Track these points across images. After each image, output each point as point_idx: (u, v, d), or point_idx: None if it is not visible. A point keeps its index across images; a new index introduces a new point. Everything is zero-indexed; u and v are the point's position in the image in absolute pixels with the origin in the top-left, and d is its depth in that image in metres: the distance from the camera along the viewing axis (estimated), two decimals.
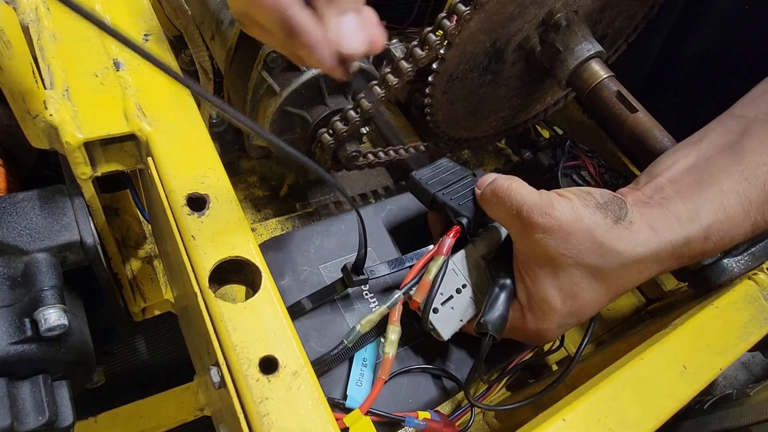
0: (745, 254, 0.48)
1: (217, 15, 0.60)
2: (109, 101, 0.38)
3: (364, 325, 0.43)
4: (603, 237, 0.38)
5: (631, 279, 0.40)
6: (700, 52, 0.70)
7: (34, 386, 0.35)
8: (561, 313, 0.40)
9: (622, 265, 0.39)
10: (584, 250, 0.38)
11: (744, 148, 0.43)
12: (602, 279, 0.39)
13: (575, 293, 0.39)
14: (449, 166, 0.50)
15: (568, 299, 0.39)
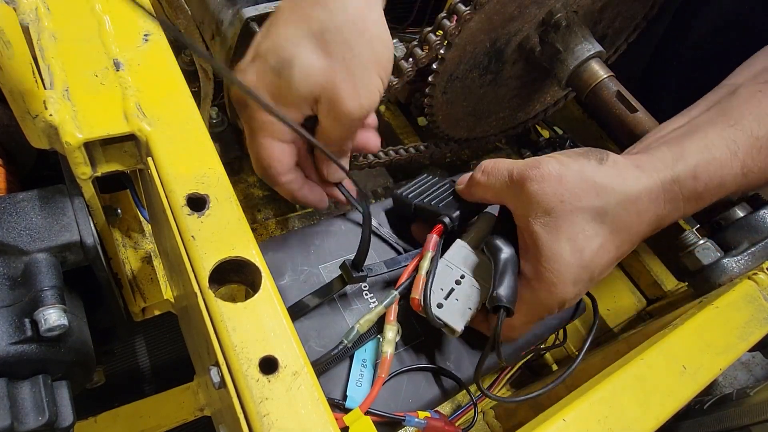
0: (745, 254, 0.48)
1: (217, 15, 0.60)
2: (109, 101, 0.38)
3: (363, 325, 0.43)
4: (594, 175, 0.39)
5: (632, 221, 0.39)
6: (698, 50, 0.70)
7: (34, 386, 0.35)
8: (572, 266, 0.39)
9: (619, 202, 0.39)
10: (580, 192, 0.39)
11: (731, 104, 0.44)
12: (603, 221, 0.39)
13: (581, 242, 0.39)
14: (428, 179, 0.52)
15: (576, 250, 0.39)
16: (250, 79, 0.39)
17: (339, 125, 0.41)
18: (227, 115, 0.70)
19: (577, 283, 0.40)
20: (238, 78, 0.39)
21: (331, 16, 0.39)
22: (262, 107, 0.35)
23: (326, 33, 0.39)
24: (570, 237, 0.39)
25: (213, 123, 0.73)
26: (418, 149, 0.67)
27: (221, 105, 0.72)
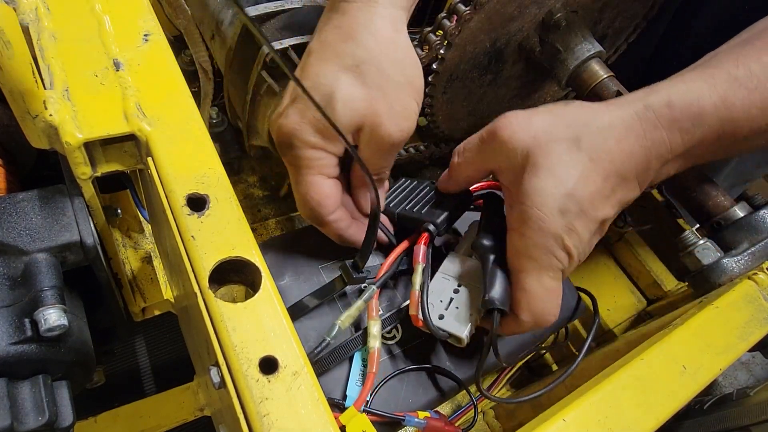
0: (745, 254, 0.48)
1: (217, 15, 0.60)
2: (109, 101, 0.38)
3: (344, 321, 0.43)
4: (562, 112, 0.40)
5: (611, 148, 0.39)
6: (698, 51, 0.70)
7: (34, 386, 0.35)
8: (555, 196, 0.38)
9: (592, 130, 0.39)
10: (550, 127, 0.39)
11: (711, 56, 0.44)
12: (580, 148, 0.39)
13: (560, 172, 0.38)
14: (407, 183, 0.52)
15: (556, 181, 0.38)
16: (293, 120, 0.40)
17: (380, 151, 0.43)
18: (227, 115, 0.70)
19: (565, 213, 0.38)
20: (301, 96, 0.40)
21: (362, 47, 0.40)
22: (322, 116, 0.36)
23: (361, 65, 0.40)
24: (548, 168, 0.38)
25: (213, 123, 0.73)
26: (417, 149, 0.67)
27: (221, 105, 0.72)
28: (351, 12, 0.41)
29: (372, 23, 0.41)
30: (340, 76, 0.40)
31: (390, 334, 0.47)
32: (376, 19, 0.41)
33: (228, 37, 0.57)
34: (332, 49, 0.41)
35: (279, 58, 0.30)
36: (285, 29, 0.55)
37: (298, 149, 0.40)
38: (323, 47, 0.41)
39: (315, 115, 0.39)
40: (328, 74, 0.40)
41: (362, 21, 0.41)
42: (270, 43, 0.53)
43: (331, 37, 0.41)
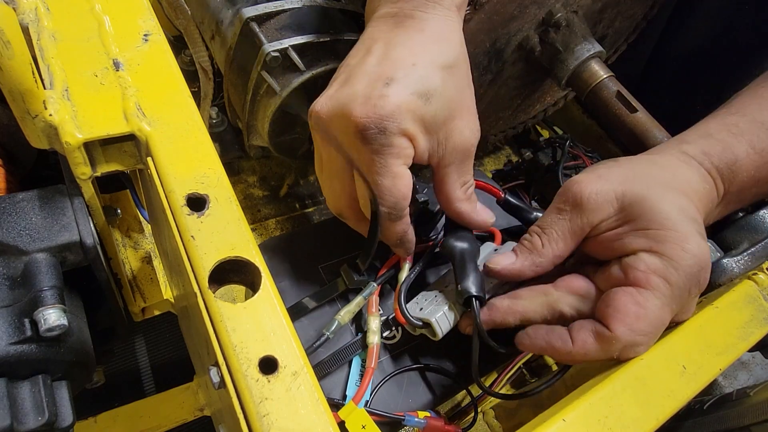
0: (745, 254, 0.48)
1: (217, 15, 0.60)
2: (108, 101, 0.38)
3: (344, 317, 0.43)
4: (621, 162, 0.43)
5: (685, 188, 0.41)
6: (696, 50, 0.70)
7: (34, 386, 0.35)
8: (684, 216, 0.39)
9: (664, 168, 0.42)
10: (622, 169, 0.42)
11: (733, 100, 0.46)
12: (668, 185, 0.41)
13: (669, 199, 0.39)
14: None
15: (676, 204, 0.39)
16: (394, 101, 0.38)
17: (464, 157, 0.42)
18: (227, 115, 0.70)
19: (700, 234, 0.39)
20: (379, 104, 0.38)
21: (455, 50, 0.41)
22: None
23: (454, 66, 0.41)
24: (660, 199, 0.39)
25: (213, 123, 0.73)
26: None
27: (221, 105, 0.72)
28: (432, 20, 0.41)
29: (455, 32, 0.42)
30: (437, 72, 0.40)
31: (390, 334, 0.47)
32: (456, 29, 0.42)
33: (228, 37, 0.57)
34: (423, 47, 0.40)
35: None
36: (285, 29, 0.55)
37: (393, 136, 0.38)
38: (410, 44, 0.40)
39: (416, 101, 0.39)
40: (425, 66, 0.39)
41: (447, 29, 0.42)
42: (270, 43, 0.53)
43: (418, 37, 0.41)
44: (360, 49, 0.42)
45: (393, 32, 0.41)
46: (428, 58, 0.40)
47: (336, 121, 0.40)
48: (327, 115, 0.40)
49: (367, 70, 0.40)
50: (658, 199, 0.39)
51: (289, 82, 0.55)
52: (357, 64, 0.41)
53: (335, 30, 0.56)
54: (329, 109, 0.40)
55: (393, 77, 0.39)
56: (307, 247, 0.49)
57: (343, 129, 0.39)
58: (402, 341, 0.46)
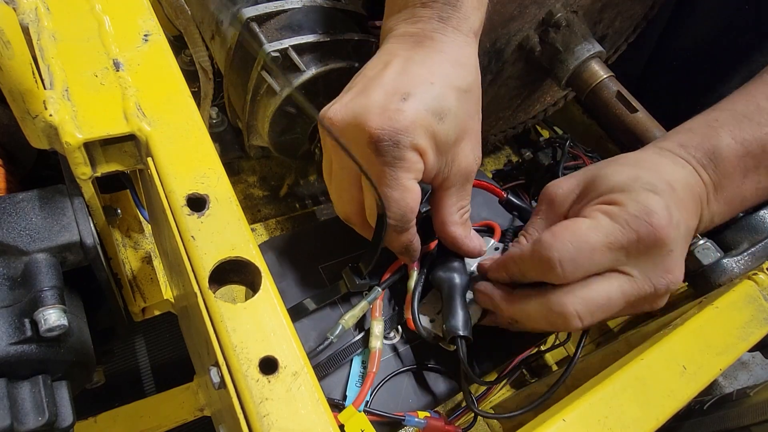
0: (745, 254, 0.48)
1: (217, 15, 0.60)
2: (109, 101, 0.38)
3: (348, 321, 0.43)
4: (593, 166, 0.44)
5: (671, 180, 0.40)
6: (695, 50, 0.70)
7: (34, 386, 0.35)
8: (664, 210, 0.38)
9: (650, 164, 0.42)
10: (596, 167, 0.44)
11: (722, 101, 0.46)
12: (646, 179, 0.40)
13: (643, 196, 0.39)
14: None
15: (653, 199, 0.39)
16: (410, 116, 0.38)
17: (465, 182, 0.43)
18: (227, 115, 0.70)
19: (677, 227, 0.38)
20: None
21: (471, 75, 0.42)
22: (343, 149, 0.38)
23: (468, 92, 0.42)
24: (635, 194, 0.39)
25: (213, 123, 0.73)
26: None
27: (221, 105, 0.72)
28: (453, 43, 0.42)
29: (474, 56, 0.43)
30: (453, 93, 0.40)
31: (390, 334, 0.47)
32: (473, 53, 0.43)
33: (228, 37, 0.57)
34: (441, 68, 0.41)
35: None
36: (285, 29, 0.55)
37: (405, 150, 0.39)
38: (428, 63, 0.41)
39: (431, 119, 0.39)
40: (442, 86, 0.40)
41: (466, 53, 0.42)
42: (270, 43, 0.53)
43: (438, 58, 0.41)
44: (378, 63, 0.42)
45: (413, 50, 0.42)
46: (446, 79, 0.40)
47: (350, 130, 0.40)
48: (341, 122, 0.40)
49: (385, 82, 0.40)
50: (613, 172, 0.41)
51: (289, 82, 0.55)
52: (375, 76, 0.41)
53: (335, 30, 0.56)
54: (344, 116, 0.40)
55: (410, 92, 0.39)
56: (308, 247, 0.49)
57: (357, 138, 0.39)
58: (402, 341, 0.46)
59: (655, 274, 0.38)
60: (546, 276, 0.39)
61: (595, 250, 0.37)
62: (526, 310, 0.41)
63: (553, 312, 0.39)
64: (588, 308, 0.38)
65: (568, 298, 0.38)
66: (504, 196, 0.51)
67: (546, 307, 0.39)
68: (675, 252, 0.38)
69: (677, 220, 0.38)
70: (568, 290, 0.38)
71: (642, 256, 0.38)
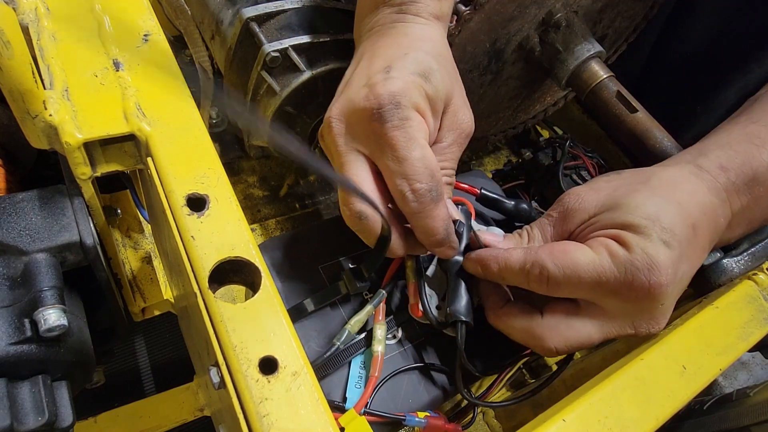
0: (745, 254, 0.48)
1: (217, 15, 0.60)
2: (108, 101, 0.38)
3: (354, 326, 0.43)
4: (622, 173, 0.43)
5: (685, 199, 0.39)
6: (695, 51, 0.70)
7: (34, 386, 0.35)
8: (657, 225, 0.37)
9: (666, 180, 0.40)
10: (619, 182, 0.42)
11: (753, 107, 0.45)
12: (661, 195, 0.39)
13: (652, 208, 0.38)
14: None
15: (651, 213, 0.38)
16: (401, 80, 0.39)
17: (460, 138, 0.44)
18: (227, 116, 0.70)
19: (668, 245, 0.37)
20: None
21: (439, 48, 0.44)
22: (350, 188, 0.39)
23: (440, 58, 0.43)
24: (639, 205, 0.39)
25: (213, 123, 0.73)
26: None
27: None
28: (416, 27, 0.44)
29: (439, 35, 0.45)
30: (428, 57, 0.42)
31: (390, 334, 0.47)
32: (436, 34, 0.45)
33: (228, 37, 0.57)
34: (410, 43, 0.42)
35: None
36: (284, 29, 0.55)
37: (407, 110, 0.39)
38: (396, 43, 0.43)
39: (418, 79, 0.40)
40: (417, 53, 0.41)
41: (431, 32, 0.44)
42: (270, 43, 0.53)
43: (403, 40, 0.43)
44: (352, 63, 0.45)
45: (379, 41, 0.44)
46: (416, 49, 0.42)
47: (349, 118, 0.40)
48: (338, 115, 0.41)
49: (363, 71, 0.42)
50: (638, 205, 0.38)
51: (289, 82, 0.55)
52: (352, 73, 0.43)
53: (335, 30, 0.56)
54: (338, 110, 0.41)
55: (390, 65, 0.40)
56: (308, 247, 0.49)
57: (359, 121, 0.40)
58: (402, 341, 0.46)
59: (639, 320, 0.38)
60: (527, 288, 0.39)
61: (585, 282, 0.37)
62: (509, 326, 0.42)
63: (533, 339, 0.40)
64: (567, 344, 0.39)
65: (550, 334, 0.39)
66: (478, 192, 0.52)
67: (528, 334, 0.40)
68: (666, 305, 0.38)
69: (681, 274, 0.37)
70: (551, 327, 0.39)
71: (630, 303, 0.37)
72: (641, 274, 0.35)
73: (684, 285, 0.39)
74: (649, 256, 0.36)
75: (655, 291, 0.36)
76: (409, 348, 0.46)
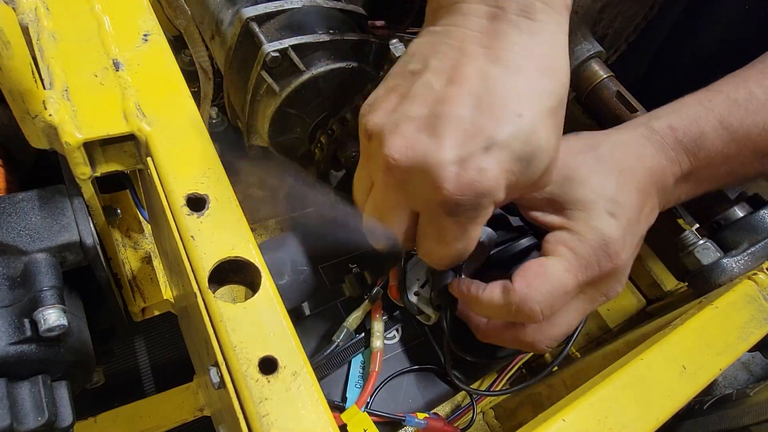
0: (745, 254, 0.48)
1: (217, 15, 0.60)
2: (108, 101, 0.38)
3: (352, 323, 0.43)
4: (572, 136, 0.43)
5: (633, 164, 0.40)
6: (701, 58, 0.70)
7: (34, 386, 0.35)
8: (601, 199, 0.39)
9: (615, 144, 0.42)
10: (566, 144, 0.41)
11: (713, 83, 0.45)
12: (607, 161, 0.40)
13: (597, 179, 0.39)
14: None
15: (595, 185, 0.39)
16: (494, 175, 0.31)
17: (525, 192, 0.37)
18: (227, 115, 0.70)
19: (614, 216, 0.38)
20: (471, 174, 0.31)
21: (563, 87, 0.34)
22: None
23: (559, 107, 0.35)
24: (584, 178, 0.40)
25: (213, 123, 0.73)
26: None
27: (221, 105, 0.72)
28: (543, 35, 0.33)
29: (564, 54, 0.34)
30: (545, 121, 0.33)
31: (390, 334, 0.47)
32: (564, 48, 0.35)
33: (228, 37, 0.57)
34: (530, 84, 0.33)
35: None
36: (284, 29, 0.55)
37: (483, 209, 0.33)
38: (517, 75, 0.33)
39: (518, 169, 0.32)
40: (533, 117, 0.32)
41: (557, 51, 0.34)
42: (270, 43, 0.53)
43: (525, 65, 0.33)
44: (444, 65, 0.33)
45: (492, 51, 0.33)
46: (536, 102, 0.33)
47: (416, 177, 0.32)
48: (405, 164, 0.32)
49: (461, 116, 0.31)
50: (583, 179, 0.40)
51: (289, 82, 0.55)
52: (444, 97, 0.32)
53: (335, 30, 0.56)
54: (410, 159, 0.32)
55: (495, 138, 0.31)
56: (307, 247, 0.49)
57: (424, 189, 0.32)
58: (401, 341, 0.46)
59: (607, 288, 0.40)
60: (522, 320, 0.39)
61: (569, 292, 0.38)
62: (500, 339, 0.42)
63: (524, 345, 0.41)
64: (554, 339, 0.41)
65: (538, 338, 0.40)
66: None
67: (518, 342, 0.41)
68: (626, 269, 0.40)
69: (630, 240, 0.39)
70: (535, 330, 0.40)
71: (602, 280, 0.39)
72: (601, 255, 0.38)
73: (637, 243, 0.41)
74: (599, 232, 0.38)
75: (616, 261, 0.38)
76: (408, 349, 0.46)
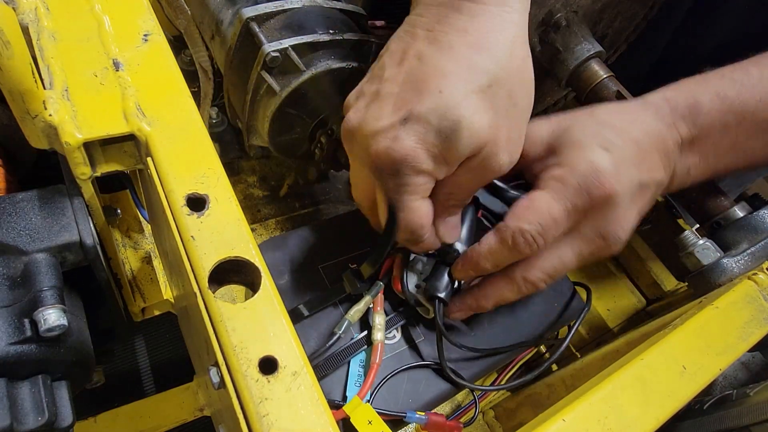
0: (745, 254, 0.48)
1: (217, 15, 0.60)
2: (108, 101, 0.38)
3: (354, 315, 0.44)
4: (566, 113, 0.43)
5: (630, 127, 0.41)
6: (702, 55, 0.70)
7: (34, 386, 0.35)
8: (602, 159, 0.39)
9: (612, 109, 0.43)
10: (563, 118, 0.43)
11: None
12: (606, 125, 0.41)
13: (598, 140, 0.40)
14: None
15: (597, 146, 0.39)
16: (408, 144, 0.35)
17: (483, 179, 0.39)
18: (227, 115, 0.70)
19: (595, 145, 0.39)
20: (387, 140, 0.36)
21: (497, 63, 0.35)
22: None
23: (494, 85, 0.36)
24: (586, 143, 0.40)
25: (213, 123, 0.73)
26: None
27: (221, 105, 0.72)
28: (482, 16, 0.36)
29: (508, 33, 0.36)
30: (471, 98, 0.35)
31: (390, 334, 0.47)
32: (511, 29, 0.37)
33: (228, 37, 0.57)
34: (460, 60, 0.35)
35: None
36: (284, 29, 0.55)
37: (407, 176, 0.37)
38: (447, 54, 0.35)
39: (436, 142, 0.35)
40: (456, 94, 0.35)
41: (497, 29, 0.36)
42: (270, 43, 0.53)
43: (457, 43, 0.35)
44: (397, 50, 0.38)
45: (432, 33, 0.37)
46: (460, 79, 0.35)
47: (358, 141, 0.38)
48: (352, 129, 0.38)
49: (393, 92, 0.36)
50: (582, 126, 0.41)
51: (289, 82, 0.55)
52: (390, 76, 0.37)
53: (335, 30, 0.56)
54: (354, 124, 0.38)
55: (412, 111, 0.35)
56: (307, 247, 0.49)
57: (363, 154, 0.38)
58: (402, 341, 0.46)
59: (606, 227, 0.40)
60: (521, 256, 0.40)
61: (558, 218, 0.39)
62: (499, 293, 0.43)
63: (520, 284, 0.41)
64: (549, 274, 0.41)
65: (531, 271, 0.41)
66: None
67: (514, 283, 0.42)
68: (623, 205, 0.39)
69: (626, 175, 0.39)
70: (528, 264, 0.41)
71: (596, 213, 0.39)
72: (591, 182, 0.38)
73: (636, 190, 0.40)
74: (588, 161, 0.38)
75: (609, 190, 0.38)
76: (409, 347, 0.46)
